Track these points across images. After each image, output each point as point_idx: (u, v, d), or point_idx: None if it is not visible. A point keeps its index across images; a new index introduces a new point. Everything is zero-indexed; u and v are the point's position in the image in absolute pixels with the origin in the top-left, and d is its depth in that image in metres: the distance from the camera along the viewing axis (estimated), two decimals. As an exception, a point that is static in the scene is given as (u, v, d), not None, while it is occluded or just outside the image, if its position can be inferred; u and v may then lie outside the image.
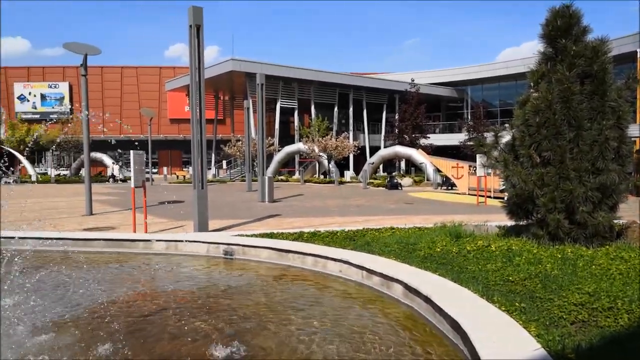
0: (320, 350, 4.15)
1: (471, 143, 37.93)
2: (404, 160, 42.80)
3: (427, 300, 4.85)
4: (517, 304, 4.38)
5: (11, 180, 35.92)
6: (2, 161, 5.93)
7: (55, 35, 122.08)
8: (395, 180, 29.44)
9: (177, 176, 46.65)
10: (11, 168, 45.73)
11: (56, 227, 10.81)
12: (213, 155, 47.60)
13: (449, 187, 27.06)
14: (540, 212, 6.54)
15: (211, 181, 37.32)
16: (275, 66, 40.49)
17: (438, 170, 29.04)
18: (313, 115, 43.38)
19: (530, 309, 4.27)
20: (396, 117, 46.75)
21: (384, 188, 28.80)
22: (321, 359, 3.99)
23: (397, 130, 43.81)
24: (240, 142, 39.24)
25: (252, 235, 8.80)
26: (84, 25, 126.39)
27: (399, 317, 5.05)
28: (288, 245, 7.73)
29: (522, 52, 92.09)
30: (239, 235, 8.95)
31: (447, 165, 25.76)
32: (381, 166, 42.56)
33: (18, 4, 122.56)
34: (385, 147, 44.03)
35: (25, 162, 42.76)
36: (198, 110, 9.64)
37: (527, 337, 3.62)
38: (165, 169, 49.51)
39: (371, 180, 33.17)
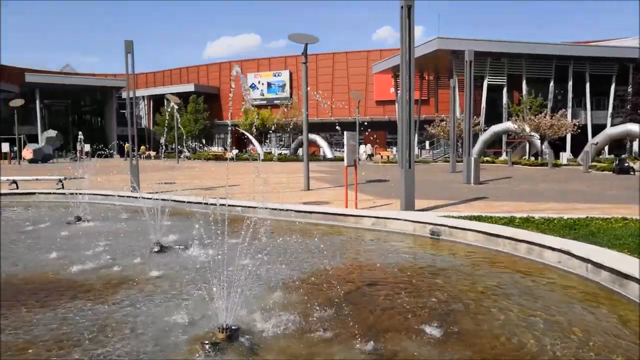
0: (535, 347, 3.91)
1: None
2: (637, 140, 36.49)
3: (675, 305, 4.14)
4: None
5: (260, 158, 42.02)
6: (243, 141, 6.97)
7: (280, 30, 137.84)
8: (626, 164, 25.31)
9: (382, 156, 48.18)
10: (245, 148, 53.23)
11: (281, 199, 12.27)
12: (416, 135, 47.71)
13: (703, 174, 22.17)
14: None
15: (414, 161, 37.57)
16: (483, 42, 38.41)
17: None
18: (524, 92, 40.01)
19: None
20: (629, 90, 39.94)
21: (610, 172, 25.07)
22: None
23: (629, 105, 37.50)
24: (444, 122, 38.50)
25: (458, 217, 8.64)
26: (301, 18, 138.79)
27: (638, 322, 4.42)
28: (498, 230, 7.39)
29: None
30: (444, 216, 8.89)
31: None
32: (606, 148, 37.07)
33: (255, 6, 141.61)
34: (612, 125, 38.13)
35: (255, 143, 49.29)
36: (407, 90, 9.79)
37: None
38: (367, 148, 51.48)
39: (593, 163, 29.20)
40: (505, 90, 40.94)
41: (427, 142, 48.25)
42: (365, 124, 38.77)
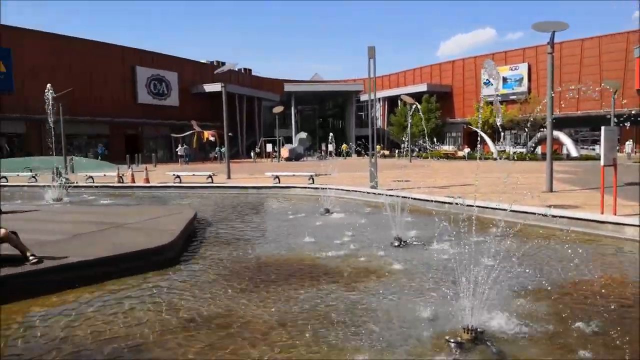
0: None
1: None
2: None
3: None
4: None
5: (493, 156, 40.58)
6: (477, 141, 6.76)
7: (517, 21, 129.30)
8: None
9: (646, 155, 40.62)
10: (476, 146, 51.47)
11: (520, 201, 11.47)
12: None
13: None
14: None
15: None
16: None
17: None
18: None
19: None
20: None
21: None
22: None
23: None
24: None
25: None
26: (541, 4, 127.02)
27: None
28: None
29: None
30: None
31: None
32: None
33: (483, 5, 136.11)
34: None
35: (488, 141, 47.19)
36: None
37: None
38: (628, 146, 43.93)
39: None
40: None
41: None
42: (630, 117, 33.03)
